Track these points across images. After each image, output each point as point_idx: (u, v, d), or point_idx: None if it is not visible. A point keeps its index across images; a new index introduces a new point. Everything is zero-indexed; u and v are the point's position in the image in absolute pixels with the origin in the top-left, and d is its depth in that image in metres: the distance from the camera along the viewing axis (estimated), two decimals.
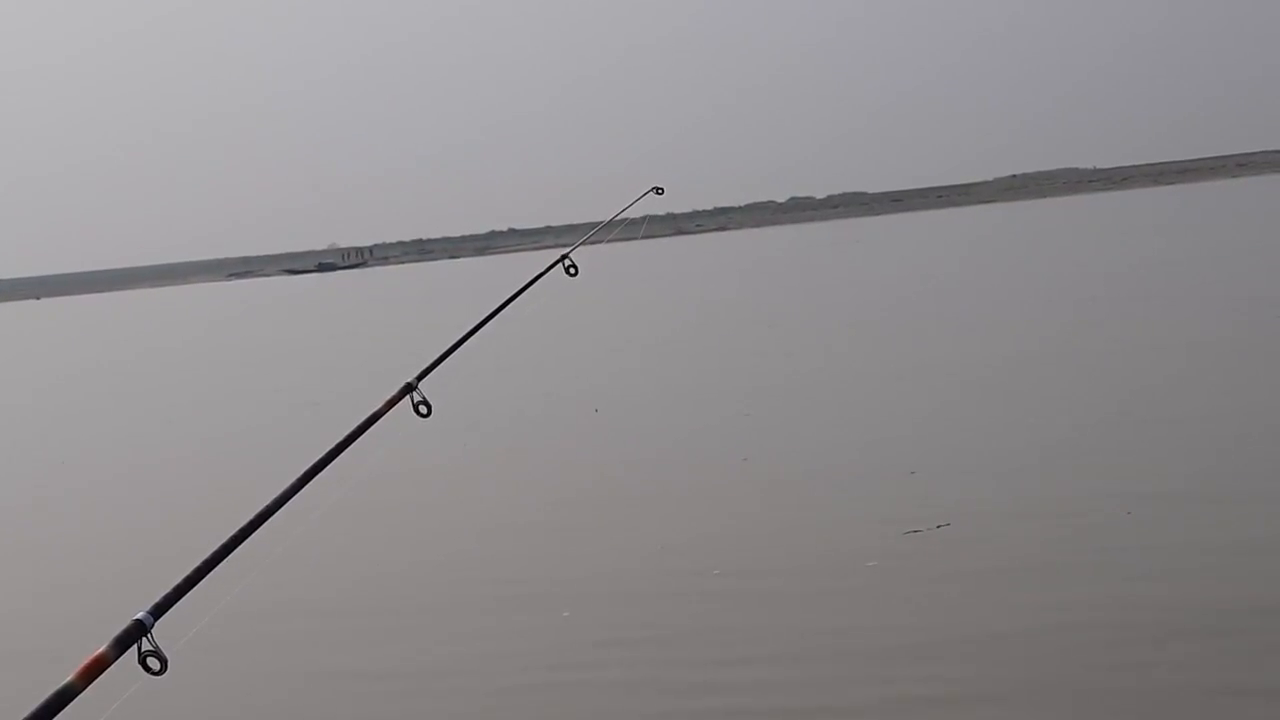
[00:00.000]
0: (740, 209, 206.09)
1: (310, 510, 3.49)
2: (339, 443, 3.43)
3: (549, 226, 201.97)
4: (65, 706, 2.34)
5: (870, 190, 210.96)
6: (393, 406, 3.73)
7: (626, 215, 5.92)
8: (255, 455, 17.31)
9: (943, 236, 75.06)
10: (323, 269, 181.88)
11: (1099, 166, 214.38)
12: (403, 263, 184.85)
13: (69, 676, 2.37)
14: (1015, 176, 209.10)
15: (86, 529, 13.82)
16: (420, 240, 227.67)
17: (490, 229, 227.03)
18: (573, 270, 5.02)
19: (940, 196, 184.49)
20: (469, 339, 4.36)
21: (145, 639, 2.47)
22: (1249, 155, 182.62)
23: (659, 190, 5.92)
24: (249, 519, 2.93)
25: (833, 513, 10.81)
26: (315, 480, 3.23)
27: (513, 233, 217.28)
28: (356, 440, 3.50)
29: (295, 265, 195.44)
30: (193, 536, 3.72)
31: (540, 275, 4.85)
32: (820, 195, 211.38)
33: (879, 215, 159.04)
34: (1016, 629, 7.46)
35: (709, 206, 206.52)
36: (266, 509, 2.99)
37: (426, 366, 3.95)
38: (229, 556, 2.83)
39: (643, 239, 7.29)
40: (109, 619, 2.63)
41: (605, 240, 5.83)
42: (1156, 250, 41.56)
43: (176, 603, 2.62)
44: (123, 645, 2.46)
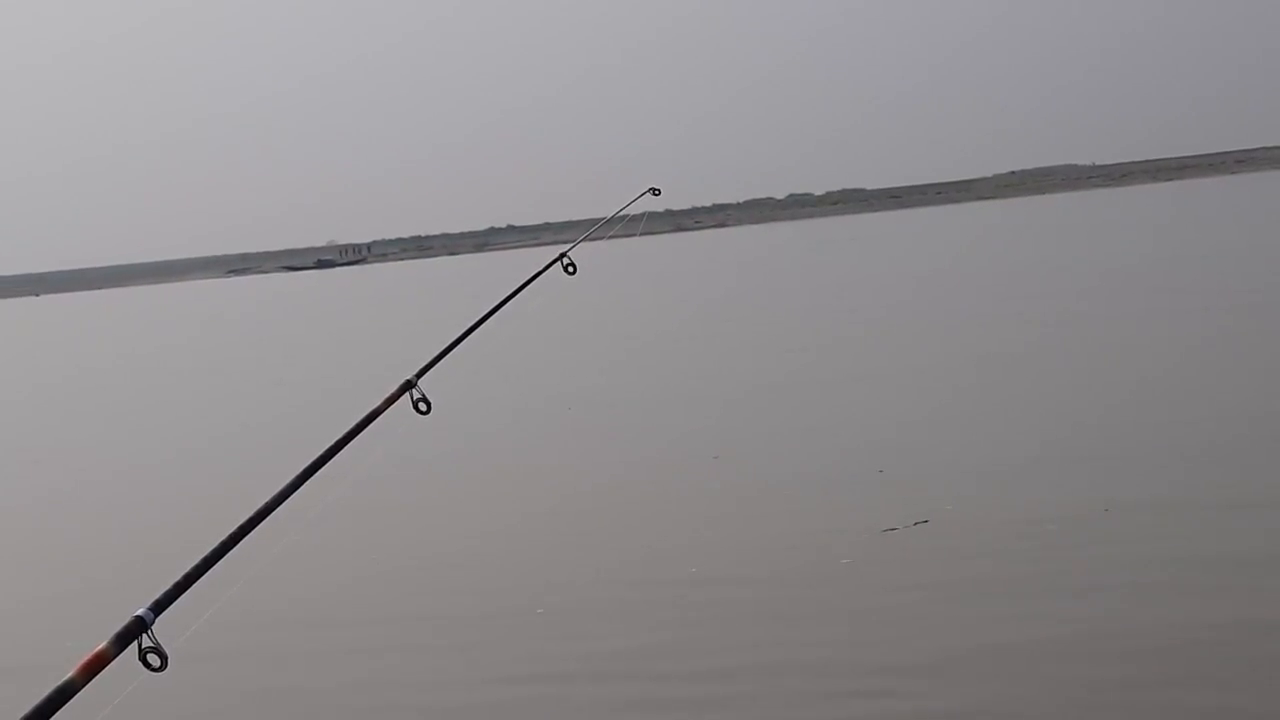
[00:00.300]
0: (739, 206, 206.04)
1: (311, 507, 3.50)
2: (339, 439, 3.44)
3: (548, 223, 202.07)
4: (66, 702, 2.35)
5: (869, 187, 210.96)
6: (392, 403, 3.74)
7: (624, 215, 5.92)
8: (255, 452, 17.32)
9: (939, 234, 75.03)
10: (321, 266, 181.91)
11: (1098, 163, 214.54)
12: (401, 259, 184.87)
13: (70, 672, 2.38)
14: (1014, 173, 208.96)
15: (87, 526, 13.82)
16: (419, 237, 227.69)
17: (489, 226, 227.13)
18: (571, 269, 5.02)
19: (939, 193, 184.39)
20: (467, 337, 4.37)
21: (146, 635, 2.48)
22: (1248, 151, 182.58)
23: (656, 191, 5.92)
24: (249, 516, 2.94)
25: (809, 510, 10.78)
26: (315, 477, 3.24)
27: (511, 229, 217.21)
28: (356, 437, 3.52)
29: (294, 262, 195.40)
30: (193, 534, 3.73)
31: (538, 274, 4.85)
32: (819, 192, 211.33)
33: (878, 212, 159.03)
34: (989, 639, 7.31)
35: (708, 203, 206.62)
36: (266, 505, 3.00)
37: (426, 364, 3.95)
38: (229, 553, 2.84)
39: (641, 235, 7.29)
40: (109, 615, 2.64)
41: (604, 237, 5.84)
42: (1153, 249, 41.57)
43: (177, 599, 2.63)
44: (123, 641, 2.47)
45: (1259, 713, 6.13)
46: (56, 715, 2.34)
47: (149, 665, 2.48)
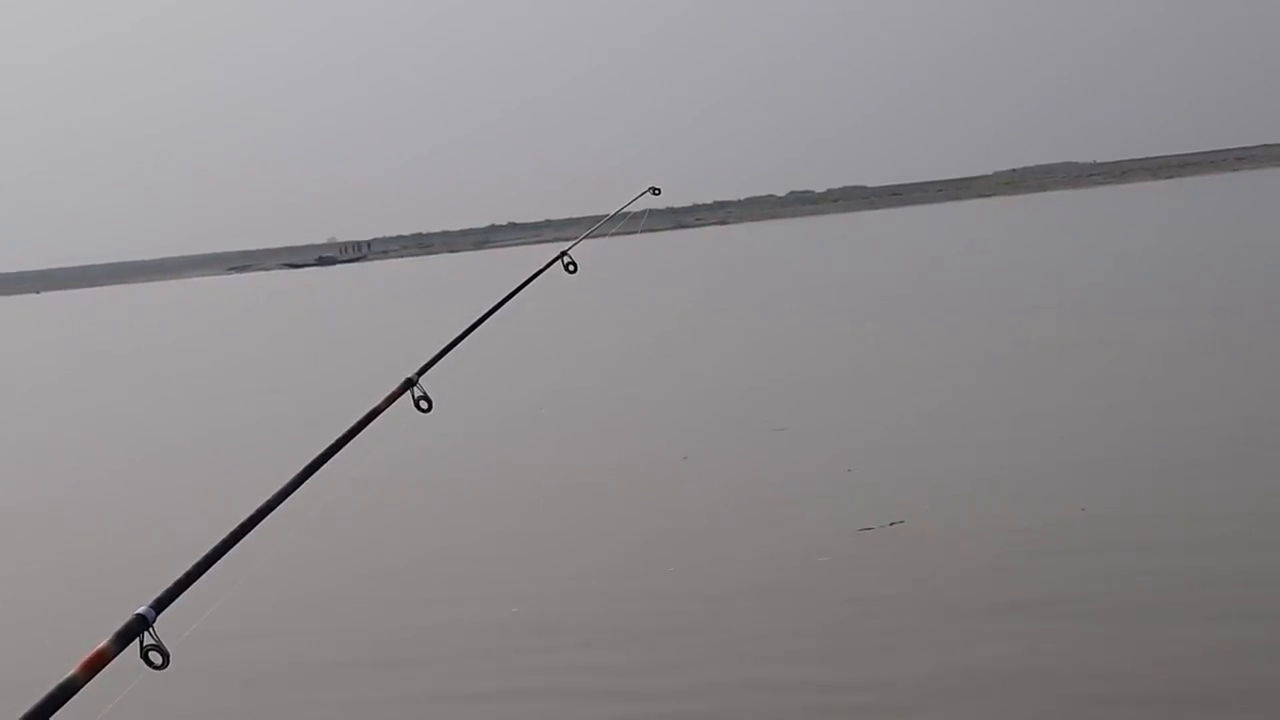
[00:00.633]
0: (739, 203, 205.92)
1: (311, 505, 3.50)
2: (340, 437, 3.44)
3: (548, 220, 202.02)
4: (68, 700, 2.35)
5: (870, 184, 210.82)
6: (393, 401, 3.74)
7: (625, 213, 5.93)
8: (257, 450, 17.32)
9: (935, 232, 74.99)
10: (322, 263, 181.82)
11: (1098, 160, 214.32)
12: (402, 257, 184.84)
13: (71, 670, 2.38)
14: (1015, 171, 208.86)
15: (88, 524, 13.82)
16: (419, 234, 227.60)
17: (489, 223, 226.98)
18: (571, 267, 5.01)
19: (940, 190, 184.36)
20: (468, 335, 4.37)
21: (147, 633, 2.48)
22: (1248, 149, 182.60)
23: (656, 191, 5.92)
24: (250, 514, 2.95)
25: (786, 508, 10.78)
26: (316, 475, 3.25)
27: (512, 227, 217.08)
28: (357, 435, 3.52)
29: (294, 259, 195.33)
30: (194, 531, 3.73)
31: (539, 272, 4.85)
32: (819, 189, 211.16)
33: (878, 209, 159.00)
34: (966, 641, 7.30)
35: (708, 200, 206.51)
36: (268, 504, 3.00)
37: (427, 362, 3.95)
38: (230, 551, 2.85)
39: (642, 232, 7.31)
40: (111, 613, 2.65)
41: (605, 235, 5.85)
42: (1149, 247, 41.57)
43: (178, 597, 2.64)
44: (124, 639, 2.47)
45: None
46: (58, 713, 2.34)
47: (150, 663, 2.48)
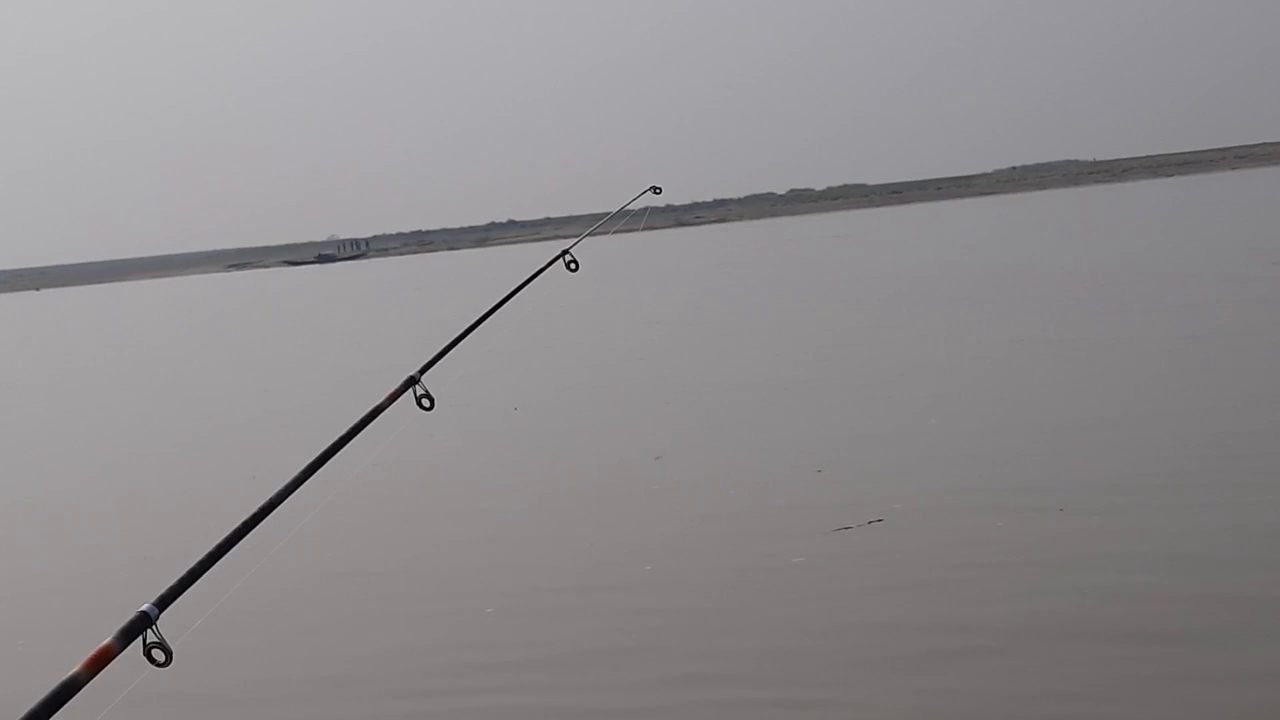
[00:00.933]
0: (739, 201, 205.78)
1: (313, 504, 3.51)
2: (342, 435, 3.45)
3: (549, 218, 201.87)
4: (72, 697, 2.37)
5: (870, 182, 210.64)
6: (395, 399, 3.75)
7: (626, 211, 5.94)
8: (260, 447, 17.32)
9: (933, 231, 74.92)
10: (322, 260, 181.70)
11: (1098, 158, 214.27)
12: (402, 254, 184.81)
13: (75, 667, 2.39)
14: (1015, 168, 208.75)
15: (91, 521, 13.82)
16: (420, 231, 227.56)
17: (490, 220, 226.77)
18: (573, 266, 5.03)
19: (940, 188, 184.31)
20: (470, 333, 4.38)
21: (150, 631, 2.50)
22: (1248, 147, 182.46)
23: (657, 190, 5.94)
24: (253, 512, 2.96)
25: (766, 508, 10.78)
26: (317, 474, 3.26)
27: (512, 224, 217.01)
28: (359, 433, 3.53)
29: (294, 256, 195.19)
30: (197, 529, 3.74)
31: (541, 270, 4.86)
32: (820, 187, 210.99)
33: (878, 207, 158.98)
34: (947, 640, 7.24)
35: (709, 198, 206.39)
36: (271, 501, 3.02)
37: (429, 360, 3.97)
38: (233, 549, 2.86)
39: (643, 230, 7.33)
40: (114, 611, 2.66)
41: (606, 233, 5.86)
42: (1146, 246, 41.57)
43: (181, 595, 2.65)
44: (128, 637, 2.48)
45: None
46: (62, 710, 2.36)
47: (154, 660, 2.50)
